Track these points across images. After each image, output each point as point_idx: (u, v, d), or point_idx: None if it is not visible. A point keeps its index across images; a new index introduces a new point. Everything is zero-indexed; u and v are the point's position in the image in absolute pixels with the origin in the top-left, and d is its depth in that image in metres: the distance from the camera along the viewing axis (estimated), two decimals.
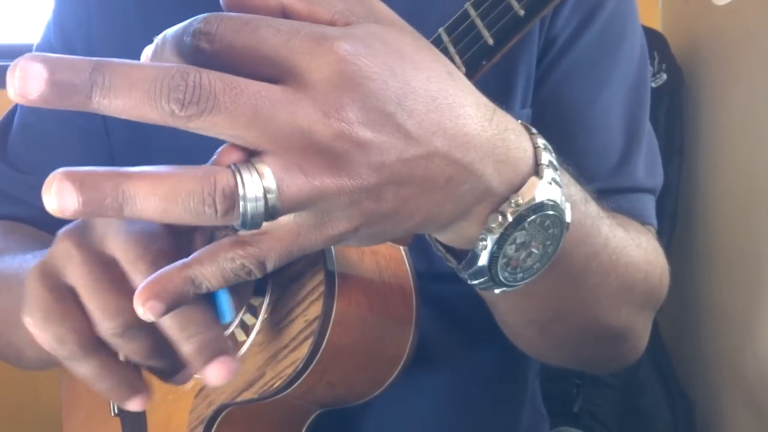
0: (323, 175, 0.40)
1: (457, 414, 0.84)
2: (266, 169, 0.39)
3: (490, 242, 0.48)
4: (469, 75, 0.56)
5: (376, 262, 0.64)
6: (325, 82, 0.40)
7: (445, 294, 0.72)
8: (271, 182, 0.39)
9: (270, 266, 0.43)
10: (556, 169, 0.50)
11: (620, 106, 0.81)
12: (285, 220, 0.42)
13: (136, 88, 0.40)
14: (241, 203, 0.39)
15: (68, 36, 0.90)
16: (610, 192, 0.78)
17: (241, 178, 0.39)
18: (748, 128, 1.41)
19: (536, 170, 0.49)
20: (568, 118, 0.79)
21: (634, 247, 0.70)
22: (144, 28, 0.85)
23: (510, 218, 0.47)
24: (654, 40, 1.55)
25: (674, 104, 1.56)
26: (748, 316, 1.37)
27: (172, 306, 0.43)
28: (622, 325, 0.73)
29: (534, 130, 0.51)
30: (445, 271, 0.76)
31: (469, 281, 0.51)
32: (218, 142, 0.81)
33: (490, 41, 0.50)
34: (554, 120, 0.79)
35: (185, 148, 0.83)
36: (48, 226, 0.89)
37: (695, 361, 1.55)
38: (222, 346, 0.49)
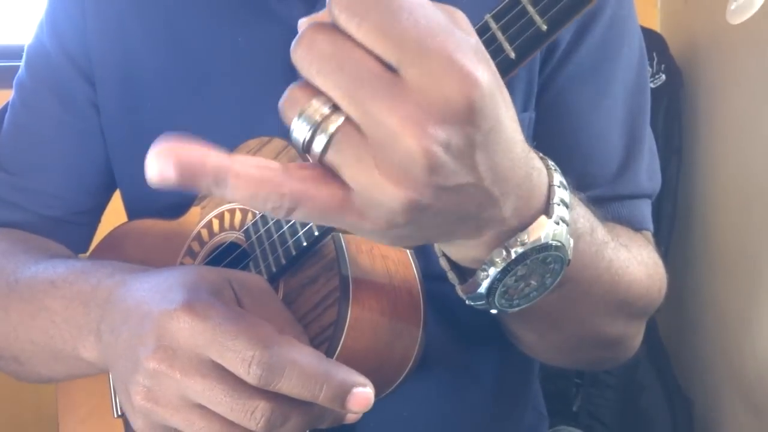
0: (393, 178, 0.40)
1: (459, 414, 0.84)
2: (338, 119, 0.40)
3: (492, 274, 0.49)
4: None
5: (386, 266, 0.65)
6: (440, 97, 0.39)
7: (444, 293, 0.72)
8: (332, 126, 0.40)
9: (298, 214, 0.42)
10: (567, 207, 0.51)
11: (621, 111, 0.81)
12: (334, 182, 0.41)
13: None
14: (295, 118, 0.41)
15: (62, 36, 0.89)
16: (611, 199, 0.79)
17: (313, 101, 0.40)
18: (746, 128, 1.41)
19: (546, 209, 0.50)
20: (572, 125, 0.80)
21: (637, 264, 0.71)
22: (140, 25, 0.85)
23: (513, 255, 0.48)
24: (653, 41, 1.55)
25: (673, 105, 1.56)
26: (747, 317, 1.37)
27: (179, 182, 0.40)
28: (619, 333, 0.75)
29: (552, 165, 0.52)
30: (444, 271, 0.77)
31: (466, 301, 0.53)
32: (219, 139, 0.81)
33: (512, 54, 0.49)
34: (557, 126, 0.80)
35: None
36: (41, 229, 0.89)
37: (694, 361, 1.55)
38: (348, 383, 0.54)
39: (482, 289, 0.50)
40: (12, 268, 0.79)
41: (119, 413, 0.80)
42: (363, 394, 0.55)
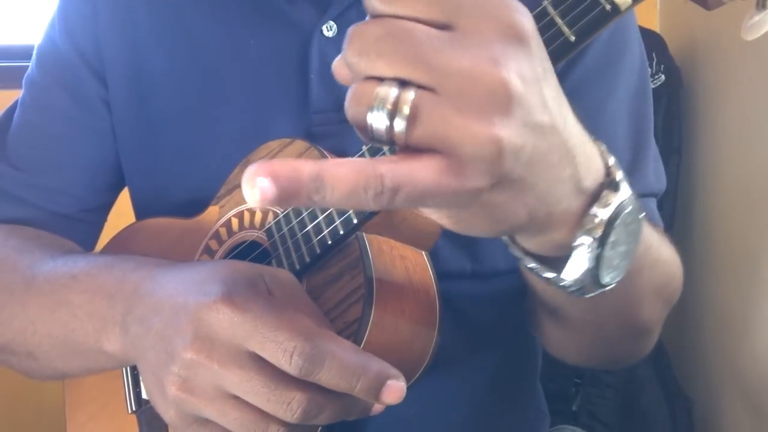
0: (480, 118, 0.40)
1: (463, 413, 0.85)
2: (409, 94, 0.40)
3: (592, 245, 0.49)
4: None
5: (405, 267, 0.65)
6: (497, 32, 0.40)
7: (451, 293, 0.73)
8: (407, 99, 0.40)
9: (401, 199, 0.41)
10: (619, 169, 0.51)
11: (625, 114, 0.82)
12: (427, 154, 0.41)
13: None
14: (368, 112, 0.41)
15: (73, 33, 0.89)
16: None
17: (380, 88, 0.40)
18: (745, 129, 1.42)
19: (608, 171, 0.50)
20: None
21: (666, 246, 0.73)
22: (152, 25, 0.85)
23: (605, 218, 0.48)
24: (652, 41, 1.56)
25: (672, 105, 1.57)
26: (746, 316, 1.38)
27: (282, 198, 0.40)
28: (655, 319, 0.76)
29: (593, 136, 0.52)
30: (451, 270, 0.77)
31: (568, 289, 0.52)
32: (229, 140, 0.81)
33: None
34: None
35: (193, 145, 0.84)
36: (50, 226, 0.89)
37: (694, 361, 1.56)
38: (383, 375, 0.55)
39: (589, 264, 0.49)
40: (28, 263, 0.79)
41: (133, 409, 0.80)
42: (397, 386, 0.56)
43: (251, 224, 0.73)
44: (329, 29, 0.78)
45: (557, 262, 0.51)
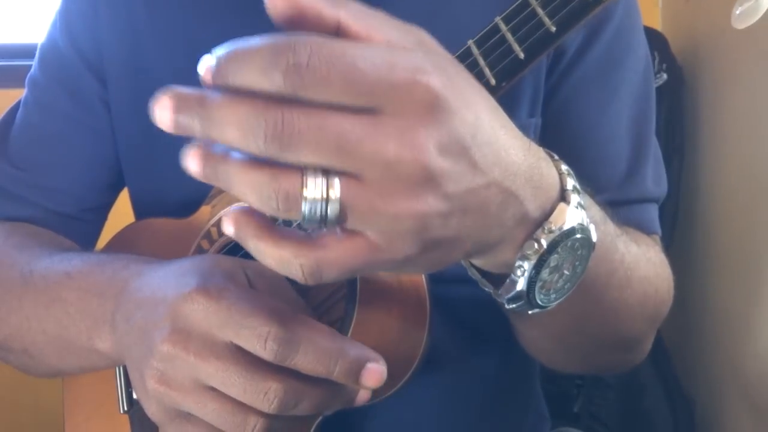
0: (402, 200, 0.41)
1: (461, 416, 0.85)
2: (335, 181, 0.41)
3: (527, 268, 0.50)
4: (499, 87, 0.58)
5: None
6: (415, 116, 0.40)
7: (449, 296, 0.73)
8: (335, 193, 0.40)
9: (326, 277, 0.43)
10: (579, 193, 0.52)
11: (628, 116, 0.82)
12: (353, 236, 0.43)
13: (232, 125, 0.41)
14: (302, 204, 0.41)
15: (74, 33, 0.90)
16: (619, 203, 0.80)
17: (306, 182, 0.41)
18: (748, 128, 1.41)
19: (563, 195, 0.51)
20: (579, 129, 0.81)
21: (645, 261, 0.72)
22: (153, 26, 0.86)
23: (545, 245, 0.49)
24: (654, 39, 1.55)
25: (674, 104, 1.56)
26: (749, 317, 1.38)
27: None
28: (635, 335, 0.77)
29: (556, 157, 0.53)
30: (450, 273, 0.76)
31: (506, 305, 0.53)
32: None
33: (521, 55, 0.51)
34: (565, 131, 0.80)
35: None
36: (50, 225, 0.90)
37: (696, 362, 1.56)
38: (362, 358, 0.54)
39: (521, 286, 0.51)
40: (26, 260, 0.79)
41: (125, 409, 0.80)
42: (376, 369, 0.56)
43: None
44: None
45: (499, 277, 0.53)
